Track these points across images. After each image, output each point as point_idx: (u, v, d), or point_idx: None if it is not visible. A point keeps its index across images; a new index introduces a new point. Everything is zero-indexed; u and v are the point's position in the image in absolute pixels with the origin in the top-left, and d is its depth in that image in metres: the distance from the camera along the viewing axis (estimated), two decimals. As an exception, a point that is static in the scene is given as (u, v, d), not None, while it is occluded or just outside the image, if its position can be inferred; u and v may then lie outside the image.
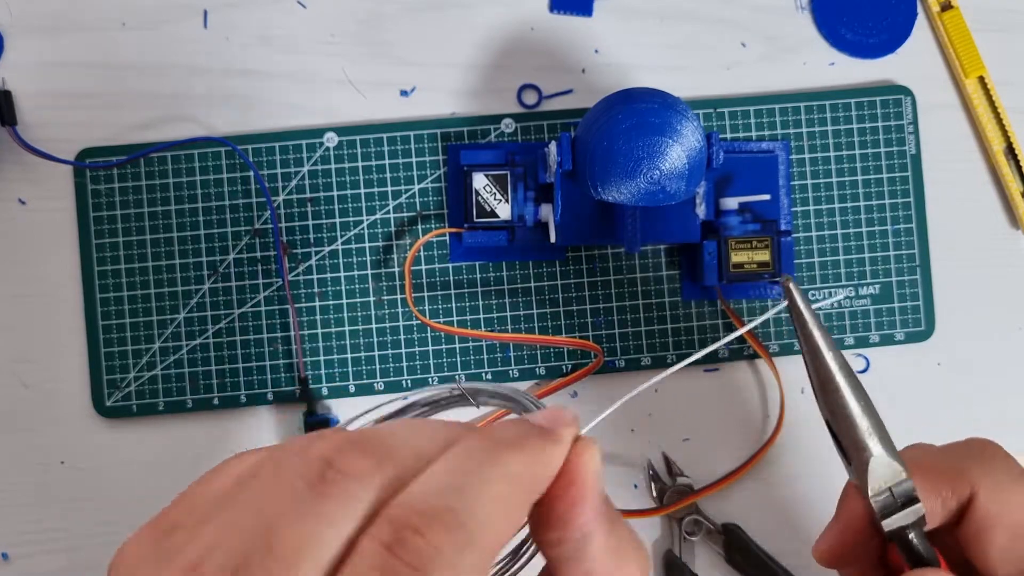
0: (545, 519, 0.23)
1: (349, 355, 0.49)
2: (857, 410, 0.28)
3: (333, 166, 0.49)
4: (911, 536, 0.28)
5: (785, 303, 0.28)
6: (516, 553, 0.27)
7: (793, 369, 0.49)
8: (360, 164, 0.49)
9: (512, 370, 0.49)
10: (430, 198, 0.49)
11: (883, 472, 0.28)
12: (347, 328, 0.49)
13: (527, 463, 0.22)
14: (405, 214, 0.49)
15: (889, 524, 0.28)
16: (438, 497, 0.20)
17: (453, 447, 0.22)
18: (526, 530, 0.25)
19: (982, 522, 0.29)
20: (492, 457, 0.21)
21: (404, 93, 0.50)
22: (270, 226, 0.49)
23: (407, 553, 0.19)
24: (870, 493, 0.28)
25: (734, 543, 0.48)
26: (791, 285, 0.27)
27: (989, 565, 0.29)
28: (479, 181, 0.46)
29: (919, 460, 0.31)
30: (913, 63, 0.51)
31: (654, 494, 0.49)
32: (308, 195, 0.49)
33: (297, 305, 0.48)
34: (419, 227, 0.49)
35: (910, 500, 0.28)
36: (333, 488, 0.20)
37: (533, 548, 0.27)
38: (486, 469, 0.21)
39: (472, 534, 0.20)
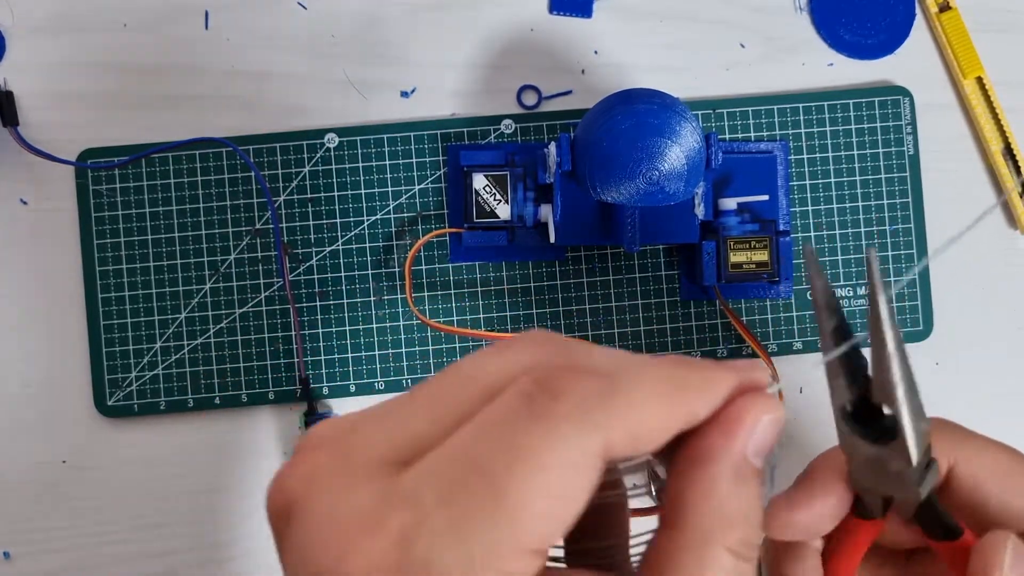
0: (685, 450, 0.23)
1: (350, 355, 0.49)
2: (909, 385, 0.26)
3: (334, 167, 0.49)
4: (938, 506, 0.28)
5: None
6: None
7: (792, 369, 0.50)
8: (360, 165, 0.49)
9: (512, 370, 0.49)
10: (430, 198, 0.49)
11: (920, 440, 0.27)
12: (348, 328, 0.49)
13: (692, 376, 0.22)
14: (405, 214, 0.49)
15: (924, 489, 0.27)
16: (598, 366, 0.22)
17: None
18: None
19: (971, 480, 0.30)
20: (654, 360, 0.22)
21: (404, 94, 0.50)
22: (271, 226, 0.49)
23: (550, 382, 0.21)
24: (915, 461, 0.27)
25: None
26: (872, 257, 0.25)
27: (990, 517, 0.30)
28: (479, 181, 0.46)
29: None
30: (911, 64, 0.51)
31: (654, 493, 0.49)
32: (309, 195, 0.49)
33: (298, 305, 0.49)
34: (419, 227, 0.49)
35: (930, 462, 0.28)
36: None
37: None
38: (653, 361, 0.22)
39: (620, 388, 0.21)
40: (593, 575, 0.23)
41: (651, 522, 0.24)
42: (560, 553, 0.25)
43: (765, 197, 0.48)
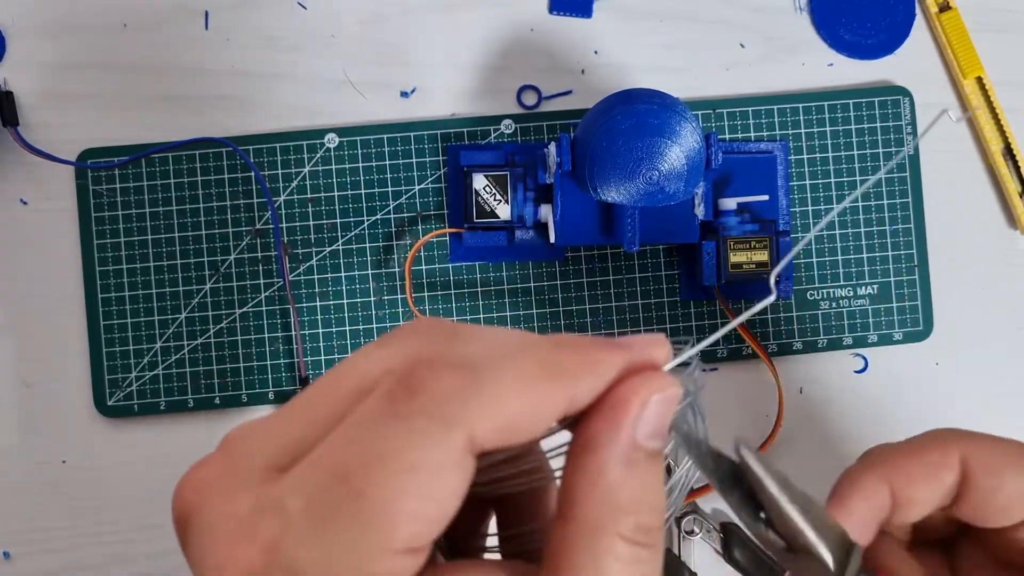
0: (575, 436, 0.22)
1: (350, 355, 0.49)
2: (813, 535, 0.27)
3: (334, 167, 0.49)
4: None
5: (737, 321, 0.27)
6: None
7: (792, 369, 0.50)
8: (360, 165, 0.49)
9: (512, 370, 0.49)
10: (430, 198, 0.49)
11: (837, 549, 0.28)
12: (348, 328, 0.49)
13: (570, 359, 0.21)
14: (405, 214, 0.49)
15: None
16: (463, 356, 0.21)
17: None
18: None
19: (985, 468, 0.30)
20: (533, 341, 0.22)
21: (404, 94, 0.50)
22: (271, 226, 0.49)
23: (411, 380, 0.20)
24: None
25: (733, 542, 0.48)
26: (744, 451, 0.25)
27: (1008, 501, 0.30)
28: (479, 181, 0.46)
29: (894, 457, 0.32)
30: (911, 64, 0.51)
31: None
32: (309, 195, 0.49)
33: (298, 305, 0.49)
34: (419, 227, 0.49)
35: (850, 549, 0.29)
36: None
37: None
38: (522, 350, 0.21)
39: (482, 379, 0.20)
40: (512, 564, 0.23)
41: None
42: (494, 542, 0.25)
43: (765, 197, 0.48)
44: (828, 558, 0.27)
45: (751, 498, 0.27)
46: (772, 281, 0.24)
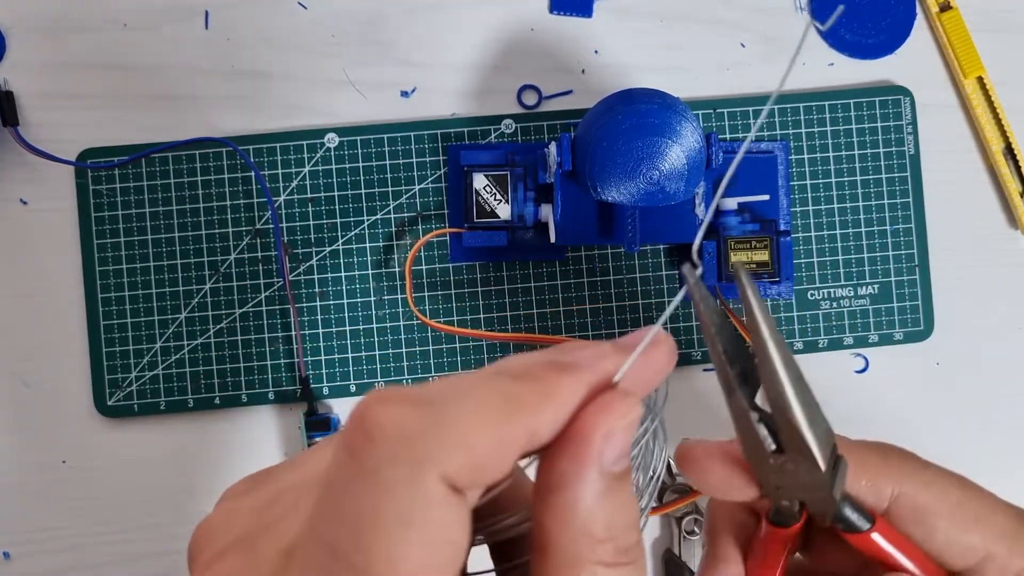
0: (538, 474, 0.21)
1: (350, 355, 0.49)
2: (802, 418, 0.26)
3: (334, 166, 0.49)
4: (845, 507, 0.28)
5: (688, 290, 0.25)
6: None
7: (792, 369, 0.50)
8: (361, 164, 0.49)
9: (512, 370, 0.49)
10: (430, 198, 0.49)
11: (827, 446, 0.27)
12: (348, 328, 0.49)
13: (528, 393, 0.20)
14: (405, 214, 0.49)
15: (837, 491, 0.28)
16: (418, 394, 0.20)
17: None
18: None
19: (920, 511, 0.29)
20: (490, 375, 0.21)
21: (404, 94, 0.50)
22: (271, 226, 0.49)
23: (366, 423, 0.19)
24: (824, 471, 0.27)
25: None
26: (742, 274, 0.25)
27: (935, 550, 0.29)
28: (479, 181, 0.46)
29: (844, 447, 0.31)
30: (912, 64, 0.51)
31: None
32: (309, 195, 0.49)
33: (298, 305, 0.49)
34: (419, 227, 0.49)
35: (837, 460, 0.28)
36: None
37: None
38: (482, 380, 0.20)
39: (443, 415, 0.19)
40: None
41: None
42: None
43: (765, 197, 0.48)
44: (820, 457, 0.26)
45: (748, 380, 0.26)
46: (695, 252, 0.23)
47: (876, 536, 0.28)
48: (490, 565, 0.25)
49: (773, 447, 0.26)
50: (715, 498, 0.31)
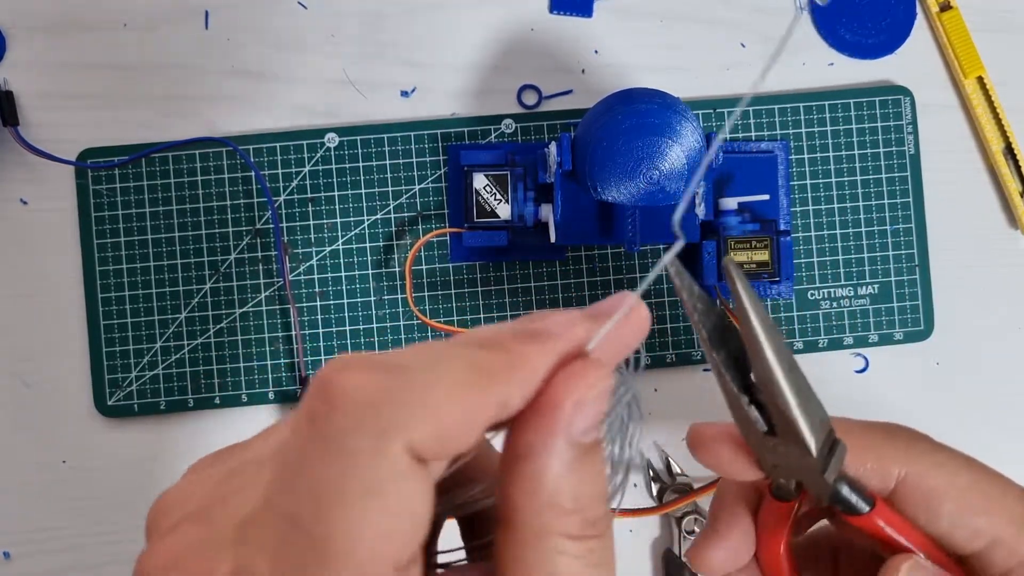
0: (505, 443, 0.21)
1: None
2: (794, 403, 0.26)
3: (334, 166, 0.49)
4: (844, 488, 0.27)
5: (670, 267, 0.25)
6: None
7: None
8: (361, 164, 0.49)
9: (512, 370, 0.49)
10: (430, 198, 0.49)
11: (820, 433, 0.26)
12: (348, 328, 0.49)
13: (498, 360, 0.20)
14: (405, 214, 0.49)
15: (831, 474, 0.27)
16: (383, 359, 0.19)
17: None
18: None
19: (927, 493, 0.28)
20: (459, 344, 0.20)
21: (404, 94, 0.50)
22: (271, 226, 0.49)
23: (328, 388, 0.19)
24: (816, 455, 0.27)
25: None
26: (731, 267, 0.24)
27: (944, 537, 0.28)
28: (479, 181, 0.46)
29: (845, 429, 0.30)
30: (912, 63, 0.51)
31: (653, 493, 0.49)
32: (309, 195, 0.49)
33: (298, 305, 0.49)
34: (419, 227, 0.49)
35: (832, 447, 0.27)
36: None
37: None
38: (451, 348, 0.20)
39: (410, 383, 0.19)
40: (478, 568, 0.22)
41: None
42: (461, 555, 0.24)
43: (765, 197, 0.48)
44: (811, 442, 0.26)
45: (738, 363, 0.26)
46: (676, 224, 0.22)
47: (876, 519, 0.28)
48: (459, 543, 0.24)
49: (764, 429, 0.26)
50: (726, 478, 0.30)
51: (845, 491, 0.27)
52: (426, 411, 0.19)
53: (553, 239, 0.46)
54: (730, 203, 0.47)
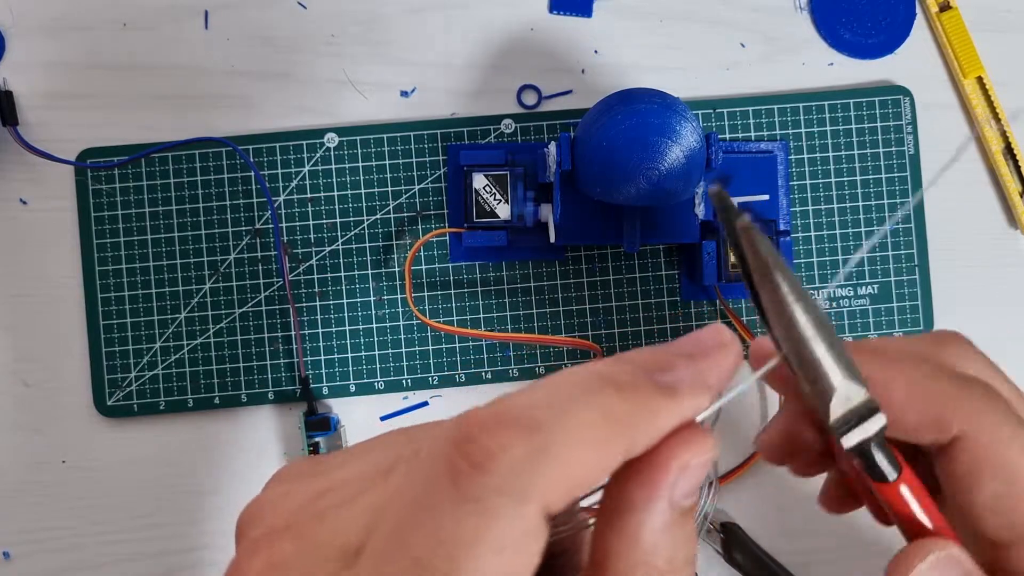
0: (607, 492, 0.21)
1: (350, 355, 0.49)
2: (817, 340, 0.24)
3: (334, 166, 0.49)
4: (872, 449, 0.25)
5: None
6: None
7: (792, 369, 0.50)
8: (360, 164, 0.49)
9: (512, 369, 0.49)
10: (430, 198, 0.49)
11: (844, 402, 0.24)
12: (347, 328, 0.49)
13: (629, 408, 0.20)
14: (405, 214, 0.49)
15: (848, 440, 0.25)
16: (522, 407, 0.20)
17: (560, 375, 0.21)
18: None
19: (972, 465, 0.26)
20: (594, 386, 0.21)
21: (404, 93, 0.50)
22: (271, 226, 0.49)
23: (472, 447, 0.19)
24: (832, 423, 0.24)
25: (733, 542, 0.48)
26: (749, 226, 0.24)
27: (974, 512, 0.26)
28: (479, 181, 0.46)
29: (899, 371, 0.27)
30: (912, 63, 0.51)
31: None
32: (309, 195, 0.49)
33: (297, 305, 0.49)
34: (419, 227, 0.49)
35: (870, 411, 0.25)
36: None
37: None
38: (584, 395, 0.20)
39: (549, 444, 0.19)
40: None
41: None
42: None
43: (765, 197, 0.48)
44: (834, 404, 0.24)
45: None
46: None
47: (903, 489, 0.25)
48: None
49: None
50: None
51: (879, 454, 0.25)
52: (564, 472, 0.20)
53: (553, 239, 0.46)
54: (730, 203, 0.47)
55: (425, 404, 0.49)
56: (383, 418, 0.49)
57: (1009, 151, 0.50)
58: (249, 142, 0.49)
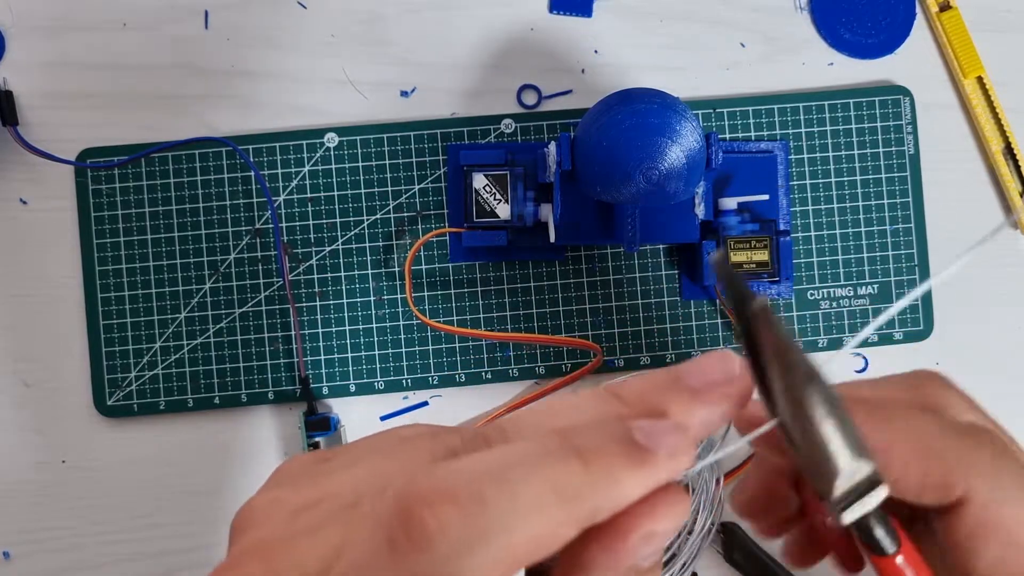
0: (569, 547, 0.20)
1: (349, 354, 0.49)
2: (827, 423, 0.23)
3: (334, 166, 0.49)
4: (872, 524, 0.24)
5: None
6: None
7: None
8: (360, 164, 0.49)
9: (512, 369, 0.49)
10: (430, 198, 0.49)
11: (848, 481, 0.23)
12: (347, 328, 0.49)
13: (590, 480, 0.20)
14: (405, 214, 0.49)
15: (848, 515, 0.24)
16: (469, 478, 0.19)
17: (531, 437, 0.20)
18: None
19: (974, 528, 0.25)
20: (554, 453, 0.20)
21: (404, 93, 0.50)
22: (271, 226, 0.49)
23: (412, 522, 0.19)
24: (834, 502, 0.24)
25: (733, 542, 0.48)
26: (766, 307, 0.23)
27: (974, 573, 0.25)
28: (479, 181, 0.46)
29: (902, 432, 0.26)
30: (912, 63, 0.51)
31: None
32: (309, 195, 0.49)
33: (297, 305, 0.49)
34: (419, 227, 0.49)
35: (871, 484, 0.24)
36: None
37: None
38: (539, 463, 0.20)
39: (491, 522, 0.19)
40: None
41: None
42: None
43: (765, 197, 0.48)
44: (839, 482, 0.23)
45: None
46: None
47: (900, 560, 0.25)
48: None
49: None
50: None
51: (879, 528, 0.24)
52: (507, 551, 0.19)
53: (553, 239, 0.46)
54: (730, 203, 0.47)
55: (425, 404, 0.49)
56: (383, 418, 0.49)
57: (1009, 151, 0.50)
58: (249, 142, 0.49)
